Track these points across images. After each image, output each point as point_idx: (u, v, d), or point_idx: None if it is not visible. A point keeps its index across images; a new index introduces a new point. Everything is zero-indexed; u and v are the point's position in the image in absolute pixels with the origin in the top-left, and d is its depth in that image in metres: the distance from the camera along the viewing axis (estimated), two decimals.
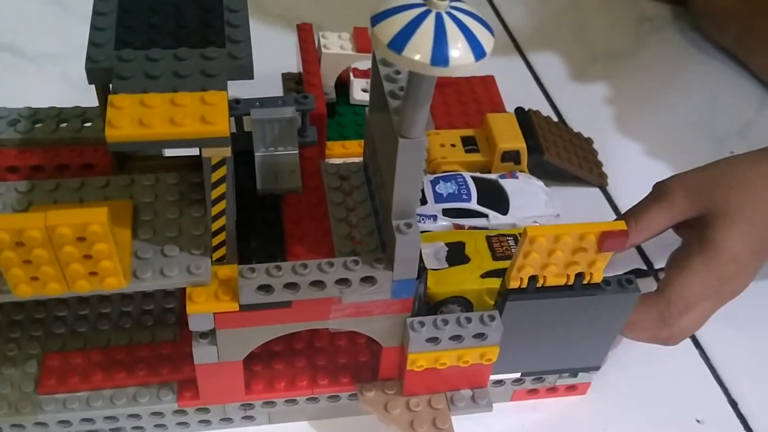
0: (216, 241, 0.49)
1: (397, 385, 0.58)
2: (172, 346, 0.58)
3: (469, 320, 0.53)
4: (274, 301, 0.50)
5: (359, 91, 0.77)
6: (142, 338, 0.58)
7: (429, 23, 0.38)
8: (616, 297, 0.55)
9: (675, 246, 0.65)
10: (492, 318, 0.54)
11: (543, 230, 0.49)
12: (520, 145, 0.70)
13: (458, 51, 0.38)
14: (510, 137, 0.70)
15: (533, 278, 0.52)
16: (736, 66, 0.96)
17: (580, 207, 0.78)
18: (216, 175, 0.46)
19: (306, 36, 0.73)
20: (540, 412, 0.63)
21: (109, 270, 0.46)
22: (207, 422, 0.59)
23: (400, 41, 0.38)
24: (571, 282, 0.53)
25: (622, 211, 0.78)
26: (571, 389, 0.63)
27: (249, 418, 0.60)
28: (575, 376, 0.62)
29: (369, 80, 0.79)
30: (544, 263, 0.51)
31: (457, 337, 0.54)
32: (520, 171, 0.71)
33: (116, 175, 0.54)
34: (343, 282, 0.50)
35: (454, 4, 0.39)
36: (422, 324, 0.53)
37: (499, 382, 0.61)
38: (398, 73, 0.49)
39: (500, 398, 0.62)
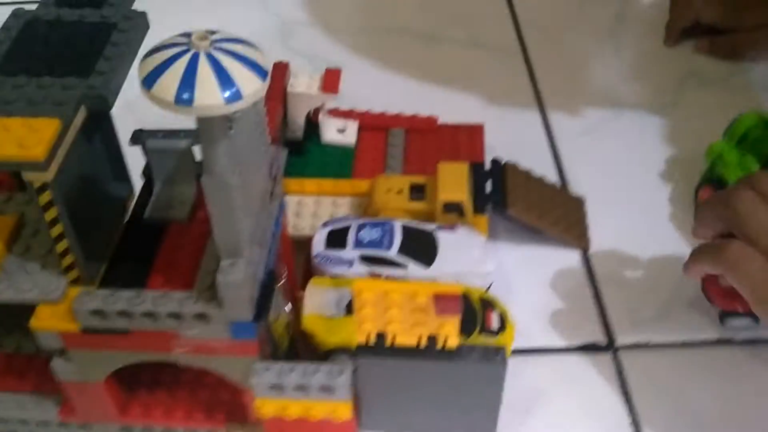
0: (65, 263, 0.51)
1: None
2: None
3: (316, 371, 0.52)
4: (111, 327, 0.51)
5: (333, 132, 0.77)
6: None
7: (182, 63, 0.38)
8: (478, 367, 0.51)
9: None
10: (341, 372, 0.51)
11: (369, 284, 0.47)
12: (461, 197, 0.66)
13: (204, 92, 0.38)
14: (453, 188, 0.67)
15: (381, 336, 0.50)
16: None
17: (548, 267, 0.73)
18: (42, 199, 0.47)
19: (277, 74, 0.74)
20: None
21: None
22: None
23: (151, 78, 0.38)
24: (423, 344, 0.50)
25: (597, 276, 0.73)
26: None
27: None
28: None
29: (346, 121, 0.79)
30: (385, 320, 0.49)
31: (302, 387, 0.52)
32: (464, 223, 0.67)
33: (19, 192, 0.58)
34: (175, 316, 0.50)
35: (221, 45, 0.39)
36: (267, 369, 0.52)
37: None
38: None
39: None
